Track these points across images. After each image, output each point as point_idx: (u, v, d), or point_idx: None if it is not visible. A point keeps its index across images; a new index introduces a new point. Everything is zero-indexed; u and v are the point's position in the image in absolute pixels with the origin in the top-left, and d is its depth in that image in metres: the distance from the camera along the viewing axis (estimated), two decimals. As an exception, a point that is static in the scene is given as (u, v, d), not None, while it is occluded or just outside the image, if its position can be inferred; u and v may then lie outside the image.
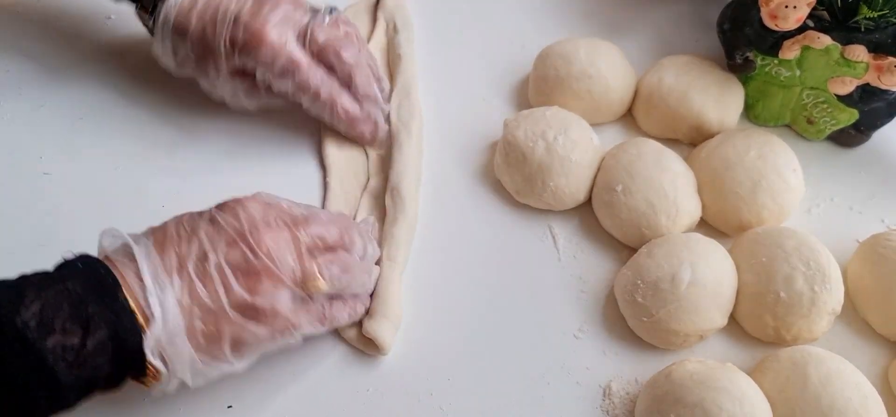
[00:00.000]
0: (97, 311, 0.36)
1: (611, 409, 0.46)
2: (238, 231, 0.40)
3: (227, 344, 0.39)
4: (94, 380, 0.37)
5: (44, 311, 0.35)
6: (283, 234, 0.41)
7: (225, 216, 0.41)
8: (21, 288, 0.35)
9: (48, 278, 0.37)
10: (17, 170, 0.55)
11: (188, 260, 0.39)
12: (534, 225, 0.54)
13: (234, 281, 0.39)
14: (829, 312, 0.46)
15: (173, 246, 0.40)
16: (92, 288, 0.36)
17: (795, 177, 0.52)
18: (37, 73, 0.61)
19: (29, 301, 0.35)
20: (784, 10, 0.50)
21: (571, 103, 0.56)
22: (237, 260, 0.40)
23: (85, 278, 0.37)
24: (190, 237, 0.40)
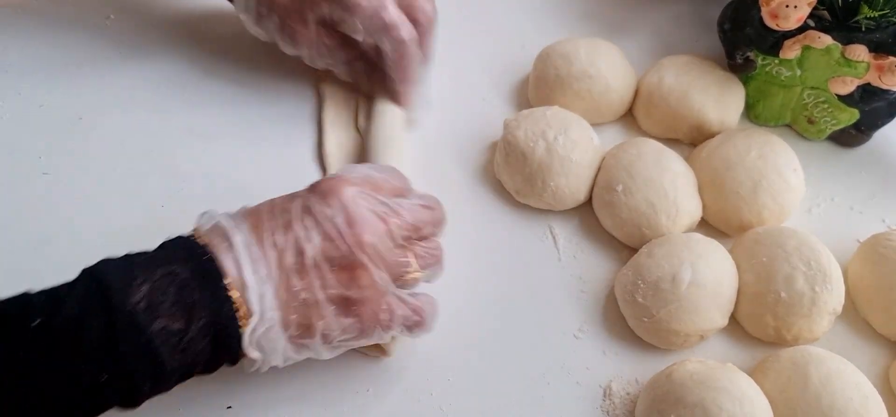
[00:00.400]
0: (201, 298, 0.36)
1: (611, 409, 0.45)
2: (334, 224, 0.39)
3: (319, 336, 0.39)
4: (194, 365, 0.37)
5: (152, 294, 0.35)
6: (379, 226, 0.40)
7: (321, 207, 0.40)
8: (131, 269, 0.36)
9: (154, 260, 0.37)
10: (17, 170, 0.55)
11: (286, 254, 0.39)
12: (534, 225, 0.53)
13: (331, 275, 0.39)
14: (829, 312, 0.46)
15: (270, 236, 0.39)
16: (196, 275, 0.37)
17: (796, 176, 0.52)
18: (37, 73, 0.61)
19: (139, 283, 0.35)
20: (785, 9, 0.50)
21: (572, 103, 0.56)
22: (334, 254, 0.39)
23: (190, 263, 0.37)
24: (286, 228, 0.39)
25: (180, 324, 0.36)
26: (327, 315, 0.39)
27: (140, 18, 0.64)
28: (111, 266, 0.37)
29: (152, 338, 0.35)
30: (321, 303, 0.39)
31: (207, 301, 0.36)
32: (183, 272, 0.37)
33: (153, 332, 0.35)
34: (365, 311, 0.40)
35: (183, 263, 0.37)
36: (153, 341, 0.35)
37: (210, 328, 0.37)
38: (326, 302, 0.39)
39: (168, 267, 0.37)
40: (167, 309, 0.35)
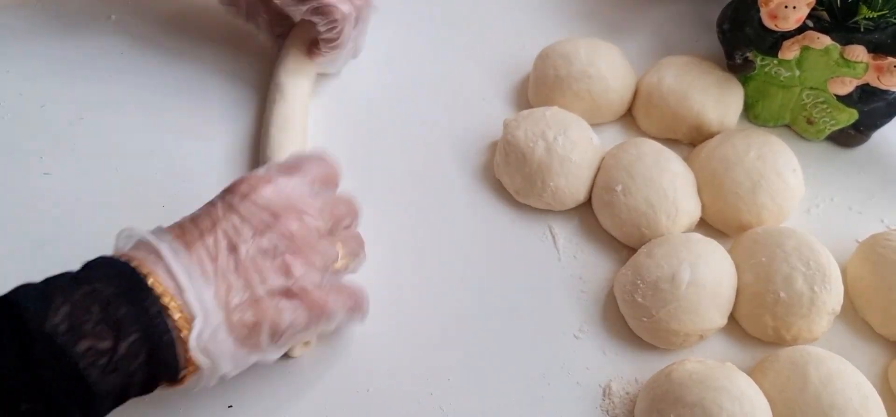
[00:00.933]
0: (128, 312, 0.34)
1: (611, 409, 0.46)
2: (261, 219, 0.39)
3: (266, 333, 0.39)
4: (129, 385, 0.35)
5: (73, 314, 0.33)
6: (305, 216, 0.41)
7: (245, 204, 0.40)
8: (47, 293, 0.34)
9: (74, 280, 0.35)
10: (17, 170, 0.55)
11: (219, 254, 0.38)
12: (534, 225, 0.54)
13: (269, 266, 0.39)
14: (828, 312, 0.46)
15: (198, 241, 0.38)
16: (121, 290, 0.35)
17: (795, 177, 0.52)
18: (37, 73, 0.61)
19: (57, 304, 0.33)
20: (784, 10, 0.50)
21: (571, 103, 0.56)
22: (267, 246, 0.39)
23: (113, 278, 0.35)
24: (213, 229, 0.39)
25: (108, 343, 0.33)
26: (271, 307, 0.38)
27: (141, 18, 0.64)
28: (27, 289, 0.34)
29: (77, 361, 0.32)
30: (263, 298, 0.38)
31: (137, 314, 0.34)
32: (106, 288, 0.34)
33: (77, 354, 0.33)
34: (307, 301, 0.39)
35: (106, 281, 0.35)
36: (78, 364, 0.32)
37: (144, 342, 0.34)
38: (268, 297, 0.38)
39: (90, 285, 0.34)
40: (91, 329, 0.33)
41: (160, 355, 0.35)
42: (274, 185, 0.41)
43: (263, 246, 0.39)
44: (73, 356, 0.32)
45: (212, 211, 0.40)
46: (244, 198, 0.40)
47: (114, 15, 0.64)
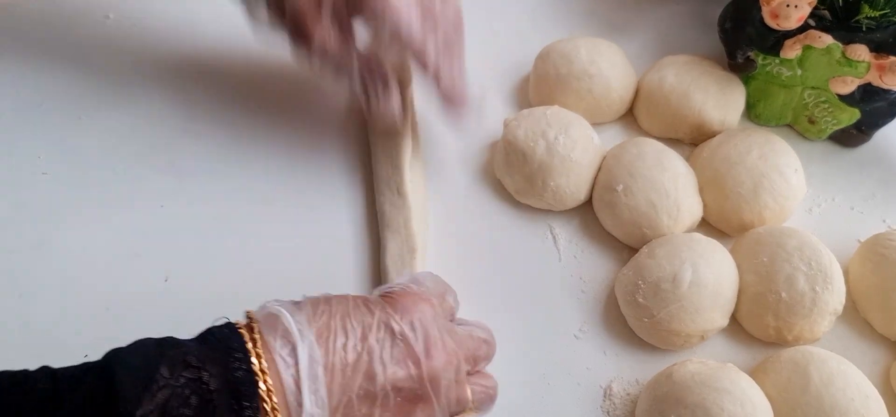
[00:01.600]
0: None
1: (611, 410, 0.45)
2: (412, 351, 0.36)
3: None
4: None
5: (169, 404, 0.30)
6: (451, 360, 0.37)
7: (403, 327, 0.36)
8: (154, 369, 0.31)
9: (185, 359, 0.32)
10: (16, 170, 0.55)
11: (355, 378, 0.34)
12: (534, 225, 0.53)
13: (394, 406, 0.35)
14: (830, 312, 0.46)
15: (340, 354, 0.34)
16: (227, 389, 0.31)
17: (797, 176, 0.52)
18: (36, 73, 0.60)
19: (156, 389, 0.30)
20: (785, 9, 0.50)
21: (572, 103, 0.56)
22: (402, 383, 0.35)
23: (223, 372, 0.32)
24: (358, 344, 0.35)
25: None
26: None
27: (140, 18, 0.64)
28: (135, 359, 0.32)
29: None
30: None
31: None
32: (212, 382, 0.31)
33: None
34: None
35: (217, 367, 0.32)
36: None
37: None
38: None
39: (197, 371, 0.31)
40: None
41: None
42: (431, 312, 0.37)
43: (399, 383, 0.35)
44: None
45: (365, 317, 0.36)
46: (404, 314, 0.37)
47: (111, 14, 0.64)
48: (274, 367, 0.33)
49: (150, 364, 0.31)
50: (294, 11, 0.46)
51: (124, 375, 0.31)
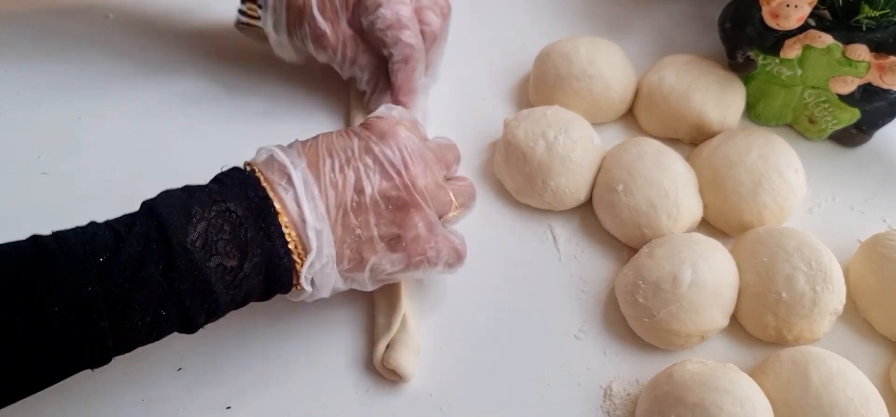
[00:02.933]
0: (255, 236, 0.38)
1: (612, 410, 0.45)
2: (394, 165, 0.42)
3: (368, 270, 0.42)
4: (246, 298, 0.39)
5: (208, 232, 0.37)
6: (429, 168, 0.43)
7: (381, 146, 0.42)
8: (188, 208, 0.37)
9: (211, 196, 0.38)
10: (16, 170, 0.55)
11: (345, 192, 0.41)
12: (534, 225, 0.53)
13: (386, 214, 0.41)
14: (830, 312, 0.46)
15: (328, 174, 0.41)
16: (251, 212, 0.38)
17: (797, 176, 0.52)
18: (36, 73, 0.61)
19: (196, 221, 0.37)
20: (785, 8, 0.50)
21: (572, 102, 0.56)
22: (392, 193, 0.41)
23: (244, 200, 0.38)
24: (344, 165, 0.41)
25: (234, 262, 0.37)
26: (379, 250, 0.41)
27: (139, 18, 0.64)
28: (170, 201, 0.38)
29: (208, 275, 0.36)
30: (374, 240, 0.41)
31: (261, 239, 0.38)
32: (238, 209, 0.38)
33: (209, 269, 0.36)
34: (413, 249, 0.42)
35: (238, 200, 0.38)
36: (209, 278, 0.37)
37: (263, 265, 0.38)
38: (379, 239, 0.41)
39: (223, 204, 0.38)
40: (222, 248, 0.37)
41: (277, 277, 0.39)
42: (409, 132, 0.43)
43: (387, 192, 0.41)
44: (205, 271, 0.36)
45: (348, 144, 0.42)
46: (382, 138, 0.42)
47: (112, 14, 0.64)
48: (277, 194, 0.39)
49: (185, 205, 0.38)
50: (315, 35, 0.53)
51: (168, 214, 0.37)
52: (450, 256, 0.44)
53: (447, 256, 0.44)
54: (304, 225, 0.39)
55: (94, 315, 0.34)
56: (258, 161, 0.41)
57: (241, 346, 0.47)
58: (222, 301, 0.38)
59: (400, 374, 0.45)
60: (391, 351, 0.45)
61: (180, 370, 0.46)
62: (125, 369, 0.46)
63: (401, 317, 0.46)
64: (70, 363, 0.35)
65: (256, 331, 0.48)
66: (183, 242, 0.36)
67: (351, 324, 0.48)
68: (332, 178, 0.41)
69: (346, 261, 0.41)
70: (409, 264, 0.42)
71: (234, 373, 0.46)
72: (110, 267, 0.35)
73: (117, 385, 0.45)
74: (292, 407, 0.45)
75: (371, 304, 0.49)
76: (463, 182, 0.47)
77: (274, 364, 0.47)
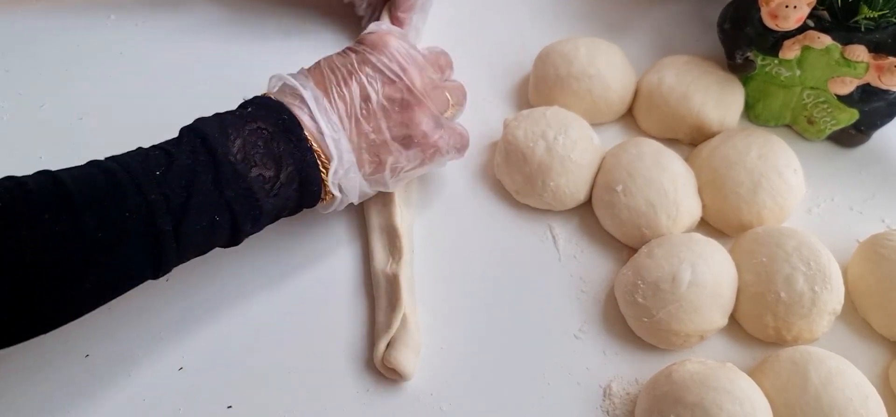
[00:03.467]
0: (286, 149, 0.42)
1: (611, 409, 0.45)
2: (393, 71, 0.45)
3: (388, 170, 0.46)
4: (283, 208, 0.43)
5: (245, 147, 0.41)
6: (424, 71, 0.47)
7: (378, 56, 0.46)
8: (224, 127, 0.41)
9: (241, 118, 0.42)
10: (16, 170, 0.55)
11: (353, 102, 0.44)
12: (534, 225, 0.53)
13: (394, 115, 0.45)
14: (829, 312, 0.46)
15: (335, 89, 0.44)
16: (279, 128, 0.42)
17: (796, 177, 0.52)
18: (37, 73, 0.61)
19: (233, 138, 0.41)
20: (784, 9, 0.50)
21: (571, 103, 0.56)
22: (395, 96, 0.45)
23: (272, 119, 0.42)
24: (347, 79, 0.45)
25: (271, 172, 0.41)
26: (394, 150, 0.45)
27: (140, 18, 0.64)
28: (207, 124, 0.41)
29: (251, 184, 0.40)
30: (388, 141, 0.45)
31: (292, 151, 0.42)
32: (267, 127, 0.42)
33: (251, 179, 0.40)
34: (425, 142, 0.46)
35: (265, 119, 0.42)
36: (252, 186, 0.40)
37: (296, 174, 0.42)
38: (392, 140, 0.45)
39: (254, 123, 0.42)
40: (260, 160, 0.41)
41: (309, 185, 0.43)
42: (399, 41, 0.47)
43: (391, 96, 0.45)
44: (248, 180, 0.40)
45: (347, 60, 0.46)
46: (375, 49, 0.46)
47: (113, 14, 0.64)
48: (295, 113, 0.43)
49: (220, 124, 0.41)
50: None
51: (209, 131, 0.41)
52: (457, 142, 0.48)
53: (455, 142, 0.48)
54: (323, 137, 0.43)
55: (157, 219, 0.38)
56: (272, 90, 0.45)
57: (241, 346, 0.47)
58: (265, 207, 0.41)
59: (400, 373, 0.45)
60: (391, 350, 0.45)
61: (181, 369, 0.46)
62: (126, 369, 0.46)
63: (401, 316, 0.46)
64: (137, 269, 0.39)
65: (256, 331, 0.48)
66: (226, 154, 0.40)
67: (351, 324, 0.48)
68: (339, 92, 0.44)
69: (367, 165, 0.45)
70: (424, 157, 0.46)
71: (235, 373, 0.46)
72: (167, 177, 0.39)
73: (118, 385, 0.45)
74: (292, 407, 0.45)
75: (371, 303, 0.49)
76: (454, 83, 0.51)
77: (274, 363, 0.47)
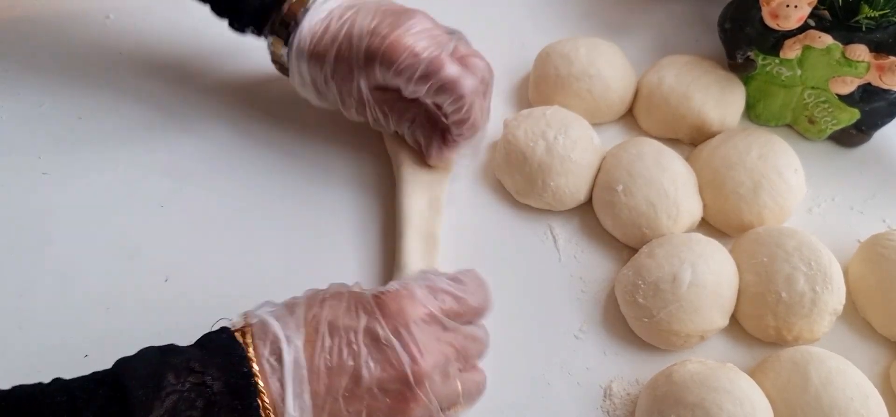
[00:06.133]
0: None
1: (611, 410, 0.45)
2: (398, 358, 0.37)
3: None
4: None
5: (177, 407, 0.33)
6: (437, 360, 0.38)
7: (387, 332, 0.37)
8: (160, 378, 0.34)
9: (188, 365, 0.34)
10: (16, 170, 0.55)
11: (339, 379, 0.36)
12: (534, 225, 0.53)
13: (382, 406, 0.37)
14: (830, 312, 0.46)
15: (325, 356, 0.36)
16: (229, 391, 0.34)
17: (796, 176, 0.52)
18: (36, 73, 0.60)
19: (165, 395, 0.33)
20: (785, 9, 0.50)
21: (572, 103, 0.56)
22: (391, 388, 0.37)
23: (225, 373, 0.35)
24: (343, 348, 0.37)
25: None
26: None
27: (139, 18, 0.64)
28: (143, 367, 0.34)
29: None
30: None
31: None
32: (215, 384, 0.34)
33: None
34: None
35: (218, 372, 0.34)
36: None
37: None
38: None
39: (201, 376, 0.34)
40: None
41: None
42: (422, 313, 0.38)
43: (387, 385, 0.37)
44: None
45: (353, 324, 0.38)
46: (389, 321, 0.38)
47: (112, 14, 0.64)
48: (263, 369, 0.35)
49: (157, 372, 0.34)
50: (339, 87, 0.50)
51: (135, 384, 0.33)
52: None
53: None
54: (285, 413, 0.35)
55: None
56: (253, 324, 0.37)
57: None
58: None
59: None
60: None
61: (180, 370, 0.46)
62: (125, 369, 0.46)
63: None
64: None
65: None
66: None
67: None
68: (327, 361, 0.36)
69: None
70: None
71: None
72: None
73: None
74: (292, 407, 0.45)
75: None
76: (476, 376, 0.41)
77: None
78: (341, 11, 0.49)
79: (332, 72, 0.49)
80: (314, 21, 0.49)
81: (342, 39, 0.49)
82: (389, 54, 0.47)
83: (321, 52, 0.49)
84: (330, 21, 0.49)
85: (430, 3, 0.66)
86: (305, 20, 0.49)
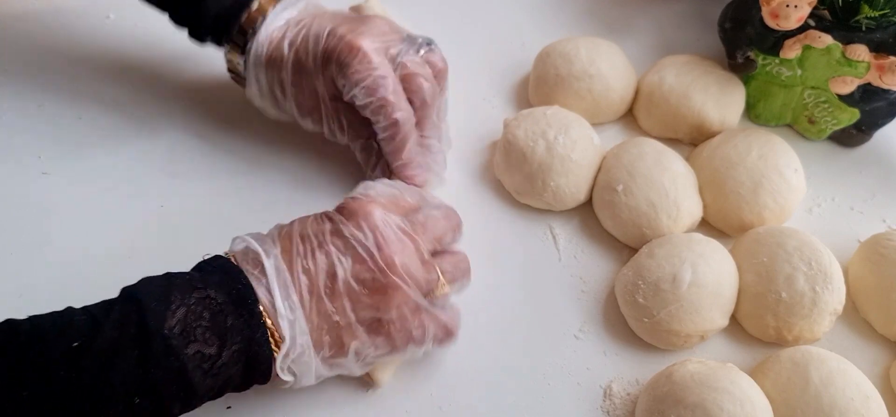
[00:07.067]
0: (235, 324, 0.37)
1: (611, 410, 0.45)
2: (366, 248, 0.40)
3: (351, 356, 0.40)
4: (224, 387, 0.38)
5: (187, 319, 0.36)
6: (408, 245, 0.41)
7: (350, 228, 0.40)
8: (168, 293, 0.36)
9: (191, 283, 0.37)
10: (16, 170, 0.55)
11: (318, 278, 0.39)
12: (534, 225, 0.53)
13: (364, 297, 0.40)
14: (830, 312, 0.46)
15: (300, 261, 0.40)
16: (231, 299, 0.37)
17: (797, 176, 0.52)
18: (36, 73, 0.61)
19: (175, 307, 0.36)
20: (785, 9, 0.50)
21: (572, 103, 0.56)
22: (366, 277, 0.40)
23: (225, 287, 0.38)
24: (315, 250, 0.40)
25: (213, 349, 0.36)
26: (360, 335, 0.40)
27: (139, 17, 0.64)
28: (150, 287, 0.37)
29: (185, 363, 0.35)
30: (353, 325, 0.40)
31: (241, 327, 0.37)
32: (218, 296, 0.37)
33: (187, 356, 0.36)
34: (397, 330, 0.40)
35: (218, 288, 0.38)
36: (186, 365, 0.35)
37: (243, 353, 0.37)
38: (358, 324, 0.40)
39: (204, 291, 0.37)
40: (201, 335, 0.36)
41: (257, 365, 0.38)
42: (381, 211, 0.41)
43: (360, 276, 0.40)
44: (183, 358, 0.35)
45: (320, 229, 0.41)
46: (351, 219, 0.41)
47: (112, 14, 0.64)
48: (250, 280, 0.38)
49: (164, 291, 0.37)
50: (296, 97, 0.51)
51: (147, 299, 0.36)
52: (438, 332, 0.42)
53: (437, 332, 0.42)
54: (276, 315, 0.38)
55: (65, 399, 0.34)
56: (235, 250, 0.41)
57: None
58: (199, 389, 0.36)
59: (373, 378, 0.45)
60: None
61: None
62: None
63: None
64: None
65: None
66: (160, 328, 0.35)
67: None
68: (304, 265, 0.40)
69: (327, 348, 0.40)
70: (394, 347, 0.41)
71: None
72: (83, 352, 0.34)
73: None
74: (293, 407, 0.45)
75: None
76: (456, 256, 0.45)
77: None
78: (299, 18, 0.51)
79: (290, 77, 0.50)
80: (272, 28, 0.50)
81: (299, 43, 0.50)
82: (346, 53, 0.48)
83: (278, 57, 0.50)
84: (287, 28, 0.50)
85: (431, 3, 0.67)
86: (263, 27, 0.50)
